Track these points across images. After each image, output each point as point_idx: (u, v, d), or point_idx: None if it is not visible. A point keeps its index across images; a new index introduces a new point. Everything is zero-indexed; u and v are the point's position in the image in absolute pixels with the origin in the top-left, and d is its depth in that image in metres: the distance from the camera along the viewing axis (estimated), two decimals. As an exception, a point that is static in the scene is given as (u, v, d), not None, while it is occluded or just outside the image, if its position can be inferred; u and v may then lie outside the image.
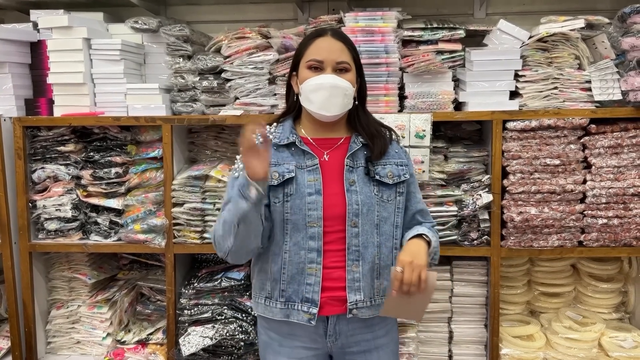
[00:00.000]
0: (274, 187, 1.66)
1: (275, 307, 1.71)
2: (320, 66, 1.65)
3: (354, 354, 1.75)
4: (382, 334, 1.77)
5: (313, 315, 1.66)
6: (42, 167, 2.49)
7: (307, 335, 1.72)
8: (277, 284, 1.70)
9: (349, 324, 1.71)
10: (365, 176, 1.69)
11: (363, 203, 1.66)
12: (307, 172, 1.68)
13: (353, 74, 1.69)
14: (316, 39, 1.68)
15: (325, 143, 1.73)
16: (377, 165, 1.71)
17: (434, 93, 2.33)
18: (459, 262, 2.46)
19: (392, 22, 2.30)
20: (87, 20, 2.51)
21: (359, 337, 1.73)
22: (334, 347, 1.74)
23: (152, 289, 2.66)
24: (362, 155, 1.72)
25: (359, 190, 1.67)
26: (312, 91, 1.64)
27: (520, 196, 2.28)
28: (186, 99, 2.47)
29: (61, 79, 2.47)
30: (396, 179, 1.71)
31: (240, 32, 2.41)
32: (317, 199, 1.65)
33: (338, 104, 1.66)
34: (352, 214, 1.65)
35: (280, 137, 1.72)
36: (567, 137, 2.26)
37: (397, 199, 1.73)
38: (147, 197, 2.46)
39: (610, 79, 2.26)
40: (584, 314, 2.49)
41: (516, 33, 2.29)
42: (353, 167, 1.70)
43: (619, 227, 2.27)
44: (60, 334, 2.65)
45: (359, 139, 1.73)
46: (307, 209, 1.64)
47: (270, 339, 1.77)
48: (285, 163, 1.68)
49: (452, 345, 2.50)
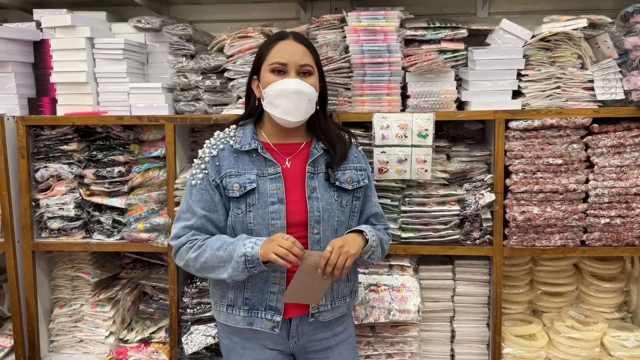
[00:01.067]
0: (236, 199, 1.66)
1: (238, 314, 1.72)
2: (284, 69, 1.64)
3: (316, 352, 1.78)
4: (341, 330, 1.81)
5: (277, 323, 1.69)
6: (45, 166, 2.50)
7: (269, 338, 1.74)
8: (241, 292, 1.70)
9: (310, 324, 1.74)
10: (325, 182, 1.70)
11: (324, 209, 1.67)
12: (269, 181, 1.67)
13: (316, 78, 1.69)
14: (278, 42, 1.67)
15: (287, 149, 1.72)
16: (337, 171, 1.72)
17: (437, 92, 2.33)
18: (461, 261, 2.46)
19: (394, 21, 2.30)
20: (90, 20, 2.52)
21: (320, 335, 1.77)
22: (296, 347, 1.77)
23: (155, 287, 2.67)
24: (323, 161, 1.73)
25: (319, 197, 1.68)
26: (276, 96, 1.63)
27: (523, 195, 2.28)
28: (189, 98, 2.47)
29: (64, 78, 2.48)
30: (355, 184, 1.74)
31: (242, 32, 2.41)
32: (280, 208, 1.65)
33: (302, 110, 1.65)
34: (314, 221, 1.67)
35: (242, 142, 1.70)
36: (570, 137, 2.26)
37: (354, 203, 1.76)
38: (150, 196, 2.46)
39: (613, 78, 2.26)
40: (587, 313, 2.49)
41: (519, 32, 2.29)
42: (314, 173, 1.70)
43: (621, 227, 2.27)
44: (63, 333, 2.66)
45: (319, 144, 1.73)
46: (270, 218, 1.65)
47: (232, 342, 1.78)
48: (246, 172, 1.67)
49: (455, 344, 2.50)
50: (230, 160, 1.68)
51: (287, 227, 1.65)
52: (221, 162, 1.69)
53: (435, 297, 2.47)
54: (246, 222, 1.66)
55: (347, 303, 1.82)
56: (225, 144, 1.72)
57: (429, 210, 2.33)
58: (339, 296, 1.78)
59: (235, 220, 1.68)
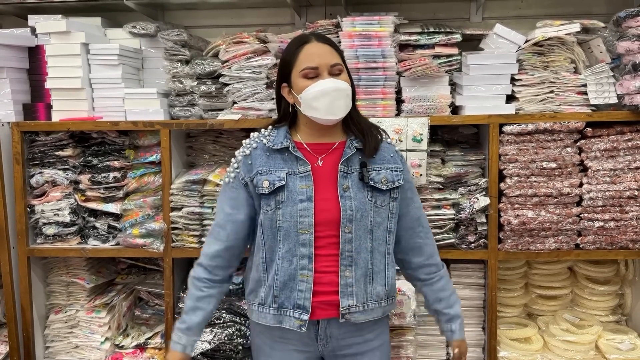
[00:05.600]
0: (265, 196, 1.67)
1: (268, 312, 1.72)
2: (316, 72, 1.64)
3: (345, 356, 1.76)
4: (372, 337, 1.77)
5: (304, 321, 1.67)
6: (40, 172, 2.49)
7: (298, 339, 1.73)
8: (271, 290, 1.70)
9: (340, 327, 1.72)
10: (359, 182, 1.69)
11: (357, 209, 1.66)
12: (299, 179, 1.67)
13: (346, 75, 1.70)
14: (303, 47, 1.67)
15: (320, 148, 1.73)
16: (372, 171, 1.70)
17: (431, 97, 2.34)
18: (456, 265, 2.47)
19: (389, 26, 2.31)
20: (85, 25, 2.52)
21: (350, 340, 1.74)
22: (325, 350, 1.75)
23: (151, 293, 2.66)
24: (357, 161, 1.71)
25: (353, 196, 1.67)
26: (314, 98, 1.63)
27: (517, 199, 2.29)
28: (184, 103, 2.48)
29: (59, 83, 2.48)
30: (390, 184, 1.71)
31: (238, 37, 2.41)
32: (309, 205, 1.65)
33: (342, 106, 1.66)
34: (346, 220, 1.66)
35: (275, 140, 1.72)
36: (564, 141, 2.27)
37: (391, 204, 1.73)
38: (146, 201, 2.46)
39: (606, 82, 2.27)
40: (581, 316, 2.50)
41: (512, 37, 2.31)
42: (347, 172, 1.69)
43: (615, 230, 2.28)
44: (59, 339, 2.65)
45: (354, 143, 1.72)
46: (298, 215, 1.65)
47: (262, 342, 1.78)
48: (277, 170, 1.68)
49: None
50: (262, 159, 1.70)
51: (315, 225, 1.65)
52: (253, 160, 1.71)
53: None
54: (275, 220, 1.67)
55: (382, 307, 1.76)
56: (258, 143, 1.74)
57: (424, 215, 2.34)
58: (373, 299, 1.72)
59: (264, 218, 1.69)
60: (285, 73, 1.70)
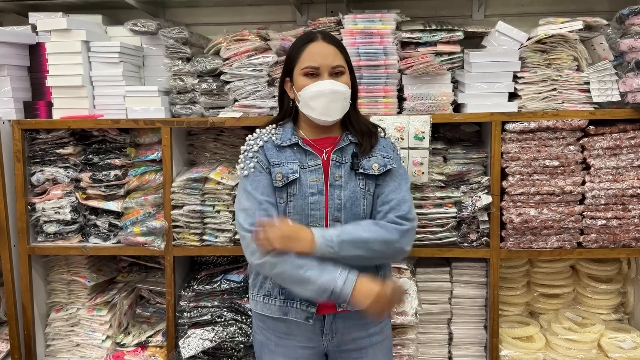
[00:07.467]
0: (278, 189, 1.69)
1: (274, 304, 1.73)
2: (317, 72, 1.67)
3: (350, 351, 1.78)
4: (376, 331, 1.80)
5: (311, 314, 1.70)
6: (41, 170, 2.49)
7: (303, 334, 1.74)
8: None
9: (344, 321, 1.74)
10: (351, 171, 1.72)
11: (347, 198, 1.69)
12: (309, 172, 1.70)
13: (347, 76, 1.72)
14: (308, 45, 1.69)
15: (323, 142, 1.76)
16: (362, 159, 1.72)
17: (433, 95, 2.33)
18: (458, 263, 2.46)
19: (390, 24, 2.30)
20: (85, 23, 2.51)
21: (354, 334, 1.76)
22: (329, 345, 1.76)
23: (152, 291, 2.66)
24: (350, 151, 1.74)
25: (343, 185, 1.69)
26: (311, 98, 1.67)
27: (520, 197, 2.28)
28: (185, 101, 2.47)
29: (60, 81, 2.47)
30: (382, 168, 1.72)
31: (239, 35, 2.41)
32: (320, 199, 1.67)
33: (338, 109, 1.69)
34: (334, 209, 1.68)
35: (282, 138, 1.74)
36: (566, 139, 2.26)
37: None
38: (147, 199, 2.46)
39: (609, 80, 2.26)
40: (583, 315, 2.49)
41: (514, 35, 2.30)
42: (340, 162, 1.72)
43: (617, 228, 2.27)
44: (60, 337, 2.65)
45: (349, 136, 1.76)
46: (309, 209, 1.67)
47: (266, 338, 1.79)
48: (289, 163, 1.70)
49: (452, 346, 2.50)
50: (273, 152, 1.72)
51: (326, 218, 1.68)
52: (266, 152, 1.72)
53: (432, 300, 2.47)
54: (286, 212, 1.69)
55: None
56: (268, 138, 1.75)
57: (426, 213, 2.33)
58: None
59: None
60: (289, 69, 1.74)
